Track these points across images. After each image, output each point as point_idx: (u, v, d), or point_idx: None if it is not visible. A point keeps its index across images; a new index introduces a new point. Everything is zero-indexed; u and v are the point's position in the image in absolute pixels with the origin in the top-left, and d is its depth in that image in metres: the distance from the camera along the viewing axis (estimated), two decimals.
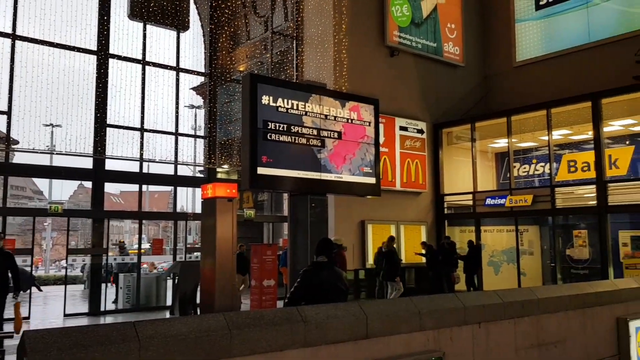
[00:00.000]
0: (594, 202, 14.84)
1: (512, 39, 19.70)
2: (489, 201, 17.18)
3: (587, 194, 15.23)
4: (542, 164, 18.08)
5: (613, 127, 15.84)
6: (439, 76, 19.30)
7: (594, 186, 14.95)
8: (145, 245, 24.91)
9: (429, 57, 18.92)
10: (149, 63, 16.67)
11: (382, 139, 16.52)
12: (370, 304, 4.99)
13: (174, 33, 17.73)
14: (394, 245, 14.54)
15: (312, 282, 5.38)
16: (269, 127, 10.29)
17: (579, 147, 17.36)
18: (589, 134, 15.51)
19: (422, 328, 5.08)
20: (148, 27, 16.91)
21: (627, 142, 16.51)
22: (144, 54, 16.62)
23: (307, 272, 5.51)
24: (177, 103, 17.32)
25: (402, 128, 17.81)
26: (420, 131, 18.31)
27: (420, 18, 18.73)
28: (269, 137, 10.25)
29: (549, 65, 18.36)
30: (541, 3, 18.90)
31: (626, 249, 14.90)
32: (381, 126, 16.44)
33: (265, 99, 10.31)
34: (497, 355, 5.83)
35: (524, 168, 18.83)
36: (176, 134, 17.15)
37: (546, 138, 16.41)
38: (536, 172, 18.49)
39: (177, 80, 17.46)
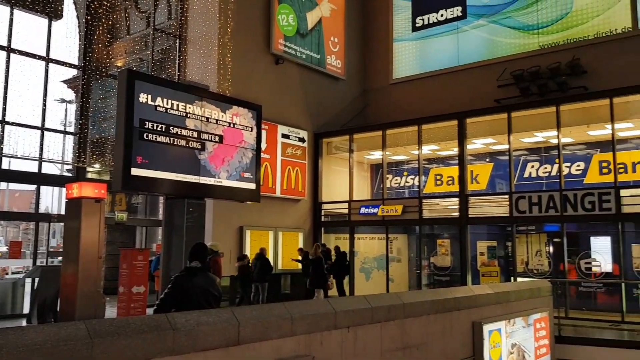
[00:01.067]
0: (457, 213, 16.04)
1: (390, 56, 20.77)
2: (363, 210, 17.89)
3: (451, 206, 16.43)
4: (412, 176, 19.21)
5: (475, 145, 17.25)
6: (322, 87, 19.81)
7: (457, 199, 16.16)
8: (3, 248, 22.71)
9: (312, 68, 19.35)
10: (14, 50, 15.30)
11: (264, 146, 16.56)
12: (243, 310, 4.97)
13: (45, 21, 16.45)
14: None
15: (184, 288, 5.25)
16: (146, 127, 9.90)
17: (445, 162, 18.70)
18: (455, 151, 16.75)
19: (294, 333, 5.15)
20: (16, 12, 15.55)
21: (487, 160, 18.07)
22: (9, 41, 15.24)
23: (179, 278, 5.36)
24: (45, 96, 16.06)
25: (285, 136, 18.01)
26: (302, 140, 18.64)
27: (306, 29, 19.12)
28: (145, 137, 9.86)
29: (422, 84, 19.60)
30: (417, 25, 20.15)
31: (483, 257, 16.30)
32: (264, 132, 16.51)
33: (143, 97, 9.92)
34: (364, 358, 6.07)
35: (396, 180, 19.88)
36: (42, 128, 15.88)
37: (417, 152, 17.47)
38: (407, 184, 19.61)
39: (47, 71, 16.19)
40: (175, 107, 10.36)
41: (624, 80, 14.39)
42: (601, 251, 14.29)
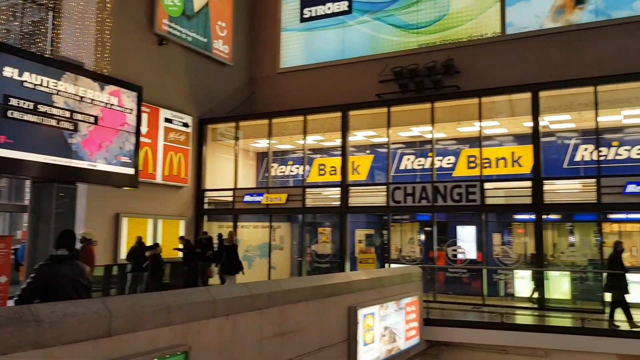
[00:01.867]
0: (338, 202, 16.54)
1: (277, 45, 20.80)
2: (247, 198, 17.84)
3: (333, 195, 16.90)
4: (297, 165, 19.49)
5: (357, 137, 17.87)
6: (208, 72, 19.38)
7: (339, 189, 16.65)
8: None
9: (198, 51, 18.85)
10: None
11: (145, 129, 15.91)
12: (115, 300, 4.78)
13: None
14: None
15: (48, 277, 4.92)
16: (11, 104, 9.10)
17: (329, 153, 19.18)
18: (338, 142, 17.23)
19: (170, 323, 5.05)
20: None
21: (368, 152, 18.80)
22: None
23: (44, 267, 5.02)
24: None
25: (168, 120, 17.40)
26: (186, 125, 18.13)
27: (192, 11, 18.55)
28: (10, 115, 9.06)
29: (309, 75, 19.87)
30: (305, 16, 20.36)
31: (361, 245, 16.99)
32: (145, 116, 15.85)
33: (8, 71, 9.10)
34: (242, 345, 6.10)
35: (281, 169, 20.05)
36: None
37: (302, 142, 17.74)
38: (291, 173, 19.85)
39: None
40: (45, 84, 9.60)
41: (492, 82, 15.65)
42: (467, 239, 15.49)
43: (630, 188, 12.79)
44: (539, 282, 13.47)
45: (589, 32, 15.56)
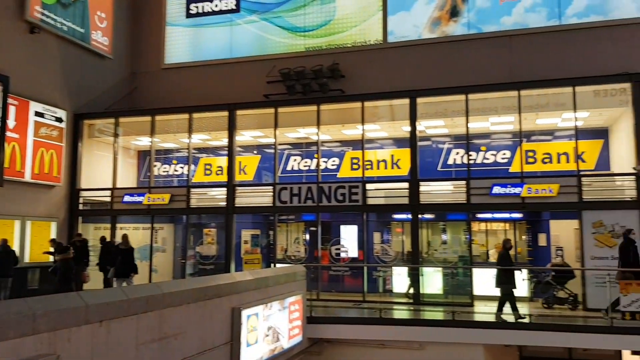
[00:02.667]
0: (224, 203, 16.34)
1: (162, 40, 20.10)
2: (127, 198, 17.04)
3: (219, 196, 16.66)
4: (182, 165, 18.96)
5: (245, 137, 17.77)
6: (85, 64, 18.25)
7: (225, 189, 16.44)
8: None
9: (74, 42, 17.68)
10: None
11: (12, 123, 14.64)
12: None
13: None
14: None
15: None
16: None
17: (215, 153, 18.88)
18: (224, 141, 17.01)
19: (36, 331, 4.71)
20: None
21: (255, 152, 18.76)
22: None
23: None
24: None
25: (38, 114, 16.12)
26: (59, 120, 16.92)
27: None
28: None
29: (196, 73, 19.41)
30: (191, 12, 19.87)
31: (247, 246, 16.89)
32: (12, 108, 14.63)
33: None
34: (118, 352, 5.82)
35: (165, 168, 19.39)
36: None
37: (187, 141, 17.29)
38: (175, 173, 19.28)
39: None
40: None
41: (375, 87, 16.31)
42: (349, 238, 15.99)
43: (496, 189, 13.93)
44: (414, 278, 14.25)
45: (462, 43, 16.73)
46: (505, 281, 11.67)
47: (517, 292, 11.90)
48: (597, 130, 15.57)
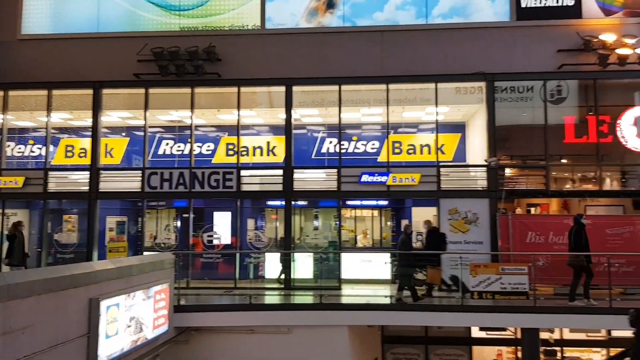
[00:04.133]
0: (87, 187, 15.35)
1: (18, 8, 18.23)
2: None
3: (81, 180, 15.61)
4: (40, 145, 17.45)
5: (112, 117, 16.78)
6: None
7: (88, 172, 15.44)
8: None
9: None
10: None
11: None
12: None
13: None
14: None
15: None
16: None
17: (79, 133, 17.64)
18: (89, 121, 15.94)
19: None
20: None
21: (123, 134, 17.80)
22: None
23: None
24: None
25: None
26: None
27: None
28: None
29: (57, 46, 17.85)
30: None
31: (112, 233, 16.05)
32: None
33: None
34: None
35: (19, 148, 17.75)
36: None
37: (45, 119, 15.96)
38: (32, 154, 17.72)
39: None
40: None
41: (252, 73, 16.15)
42: (222, 225, 15.80)
43: (365, 178, 14.53)
44: (286, 264, 14.46)
45: (338, 35, 17.07)
46: (406, 264, 12.18)
47: (381, 275, 12.57)
48: (456, 124, 16.82)
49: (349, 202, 16.12)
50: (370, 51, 16.62)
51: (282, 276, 14.58)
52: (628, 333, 11.94)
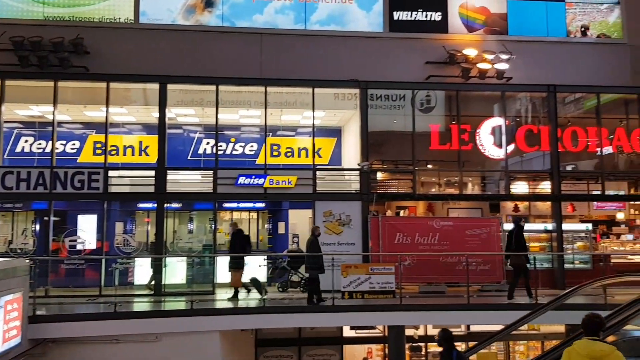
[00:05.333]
0: None
1: None
2: None
3: None
4: None
5: None
6: None
7: None
8: None
9: None
10: None
11: None
12: None
13: None
14: None
15: None
16: None
17: None
18: None
19: None
20: None
21: None
22: None
23: None
24: None
25: None
26: None
27: None
28: None
29: None
30: None
31: None
32: None
33: None
34: None
35: None
36: None
37: None
38: None
39: None
40: None
41: (123, 68, 15.33)
42: (87, 229, 14.79)
43: (242, 180, 14.37)
44: (157, 269, 13.87)
45: (217, 35, 16.76)
46: (315, 267, 12.10)
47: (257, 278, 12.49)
48: (333, 129, 17.24)
49: (226, 205, 15.86)
50: (250, 53, 16.52)
51: (153, 282, 13.97)
52: (485, 327, 13.02)
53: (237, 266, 12.76)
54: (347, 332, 14.33)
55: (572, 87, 16.00)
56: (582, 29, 17.94)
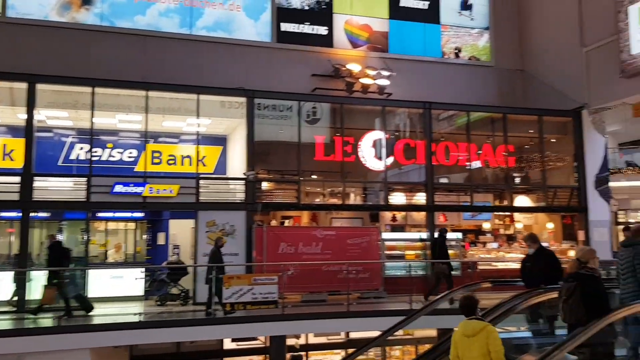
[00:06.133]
0: None
1: None
2: None
3: None
4: None
5: None
6: None
7: None
8: None
9: None
10: None
11: None
12: None
13: None
14: None
15: None
16: None
17: None
18: None
19: None
20: None
21: None
22: None
23: None
24: None
25: None
26: None
27: None
28: None
29: None
30: None
31: None
32: None
33: None
34: None
35: None
36: None
37: None
38: None
39: None
40: None
41: None
42: None
43: (118, 188, 13.62)
44: (20, 284, 12.71)
45: (95, 34, 15.84)
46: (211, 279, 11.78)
47: (133, 292, 11.89)
48: (218, 137, 16.94)
49: (100, 214, 14.96)
50: (131, 55, 15.83)
51: (15, 297, 12.78)
52: (364, 334, 13.39)
53: (52, 282, 11.80)
54: (228, 345, 14.08)
55: (445, 105, 17.04)
56: (456, 51, 19.30)
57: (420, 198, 16.32)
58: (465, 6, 19.53)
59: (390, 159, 16.13)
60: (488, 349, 5.32)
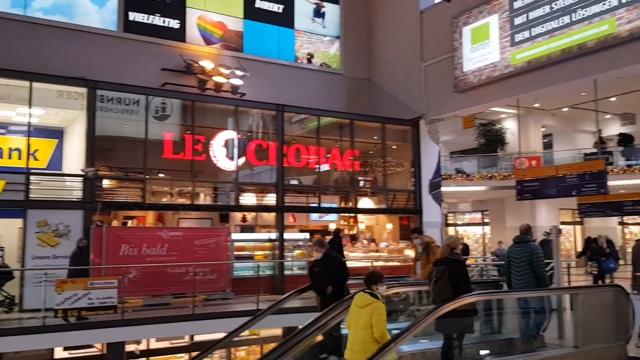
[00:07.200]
0: None
1: None
2: None
3: None
4: None
5: None
6: None
7: None
8: None
9: None
10: None
11: None
12: None
13: None
14: None
15: None
16: None
17: None
18: None
19: None
20: None
21: None
22: None
23: None
24: None
25: None
26: None
27: None
28: None
29: None
30: None
31: None
32: None
33: None
34: None
35: None
36: None
37: None
38: None
39: None
40: None
41: None
42: None
43: None
44: None
45: None
46: None
47: None
48: (53, 130, 15.56)
49: None
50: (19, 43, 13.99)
51: None
52: (209, 337, 13.16)
53: None
54: (60, 354, 13.00)
55: (297, 108, 17.40)
56: (308, 56, 19.84)
57: (271, 199, 16.48)
58: (319, 14, 20.16)
59: (242, 160, 16.08)
60: (371, 322, 5.56)
